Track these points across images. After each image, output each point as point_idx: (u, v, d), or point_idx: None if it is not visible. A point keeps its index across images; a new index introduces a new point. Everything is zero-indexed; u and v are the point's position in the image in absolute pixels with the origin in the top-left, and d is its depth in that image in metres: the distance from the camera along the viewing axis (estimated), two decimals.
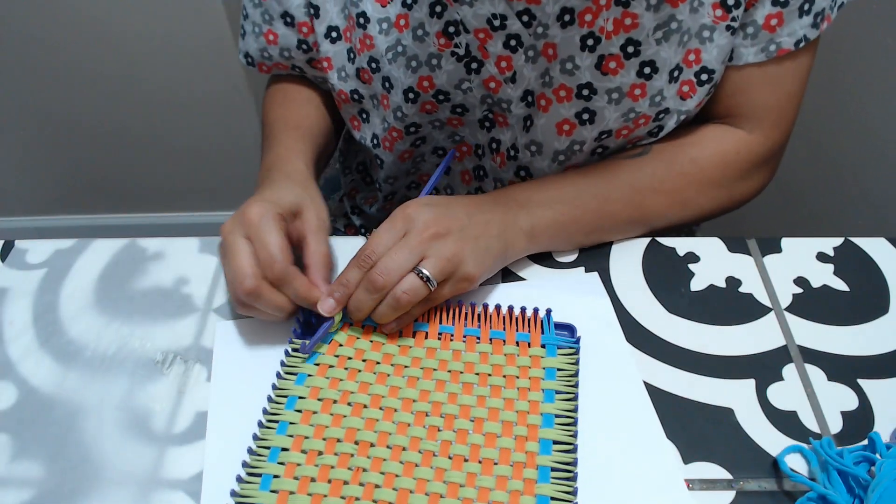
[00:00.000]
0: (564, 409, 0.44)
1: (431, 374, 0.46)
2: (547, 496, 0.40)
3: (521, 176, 0.61)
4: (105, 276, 0.55)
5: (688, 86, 0.54)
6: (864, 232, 0.59)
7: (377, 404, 0.44)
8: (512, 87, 0.55)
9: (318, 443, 0.42)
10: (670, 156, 0.56)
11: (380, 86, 0.58)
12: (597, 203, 0.54)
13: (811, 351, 0.49)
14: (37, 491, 0.42)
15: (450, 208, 0.49)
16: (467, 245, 0.48)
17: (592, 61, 0.52)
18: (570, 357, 0.47)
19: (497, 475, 0.41)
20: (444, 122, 0.60)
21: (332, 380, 0.46)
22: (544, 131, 0.56)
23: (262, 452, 0.42)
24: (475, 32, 0.52)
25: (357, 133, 0.65)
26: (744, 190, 0.59)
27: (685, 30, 0.51)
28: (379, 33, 0.55)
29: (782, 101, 0.56)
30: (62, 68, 1.25)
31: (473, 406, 0.44)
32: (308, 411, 0.44)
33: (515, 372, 0.46)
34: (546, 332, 0.49)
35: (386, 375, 0.46)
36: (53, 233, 1.57)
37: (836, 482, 0.40)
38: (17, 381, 0.48)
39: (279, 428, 0.43)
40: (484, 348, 0.48)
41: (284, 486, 0.40)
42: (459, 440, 0.42)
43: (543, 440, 0.43)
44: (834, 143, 0.93)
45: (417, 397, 0.45)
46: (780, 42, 0.52)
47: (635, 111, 0.54)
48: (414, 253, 0.46)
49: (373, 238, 0.47)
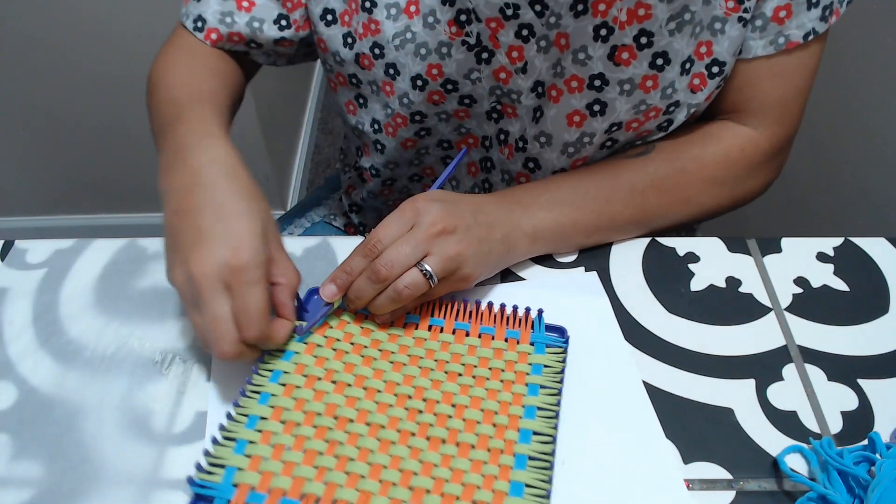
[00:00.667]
0: (548, 402, 0.44)
1: (418, 361, 0.47)
2: (522, 482, 0.40)
3: (530, 168, 0.61)
4: (105, 276, 0.55)
5: (699, 78, 0.54)
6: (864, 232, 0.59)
7: (361, 384, 0.45)
8: (523, 77, 0.55)
9: (298, 415, 0.42)
10: (673, 155, 0.56)
11: (382, 72, 0.57)
12: (598, 205, 0.54)
13: (811, 351, 0.49)
14: (36, 491, 0.42)
15: (457, 206, 0.49)
16: (471, 246, 0.48)
17: (605, 52, 0.52)
18: (557, 355, 0.48)
19: (473, 459, 0.41)
20: (451, 114, 0.60)
21: (318, 358, 0.46)
22: (554, 122, 0.56)
23: (241, 419, 0.42)
24: (487, 21, 0.52)
25: (352, 118, 0.64)
26: (748, 188, 0.59)
27: (698, 21, 0.51)
28: (387, 18, 0.55)
29: (789, 96, 0.56)
30: (62, 68, 1.25)
31: (456, 394, 0.44)
32: (291, 385, 0.44)
33: (502, 365, 0.47)
34: (536, 331, 0.49)
35: (372, 359, 0.46)
36: (53, 233, 1.57)
37: (836, 482, 0.40)
38: (16, 380, 0.48)
39: (260, 398, 0.43)
40: (472, 341, 0.48)
41: (258, 451, 0.40)
42: (439, 423, 0.43)
43: (524, 430, 0.43)
44: (834, 142, 0.93)
45: (401, 381, 0.45)
46: (789, 35, 0.52)
47: (646, 103, 0.54)
48: (419, 248, 0.46)
49: (380, 227, 0.47)
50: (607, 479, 0.42)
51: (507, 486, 0.39)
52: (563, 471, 0.42)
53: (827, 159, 0.95)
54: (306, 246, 0.57)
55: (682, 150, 0.56)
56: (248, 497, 0.38)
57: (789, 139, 0.58)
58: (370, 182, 0.71)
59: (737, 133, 0.57)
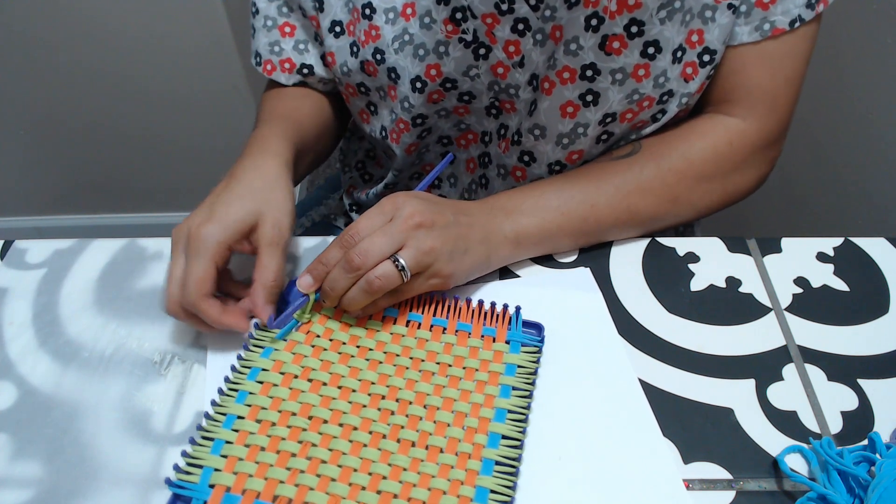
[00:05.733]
0: (518, 405, 0.45)
1: (393, 358, 0.47)
2: (487, 488, 0.40)
3: (525, 161, 0.61)
4: (104, 276, 0.55)
5: (690, 67, 0.54)
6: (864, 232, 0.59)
7: (336, 383, 0.45)
8: (520, 71, 0.55)
9: (273, 414, 0.43)
10: (659, 154, 0.55)
11: (385, 77, 0.58)
12: (583, 209, 0.53)
13: (811, 351, 0.49)
14: (35, 491, 0.42)
15: (438, 205, 0.49)
16: (447, 243, 0.48)
17: (596, 41, 0.52)
18: (532, 355, 0.48)
19: (441, 463, 0.41)
20: (451, 110, 0.60)
21: (296, 355, 0.47)
22: (548, 114, 0.56)
23: (219, 419, 0.43)
24: (483, 17, 0.52)
25: (367, 126, 0.65)
26: (739, 182, 0.57)
27: (688, 9, 0.51)
28: (385, 23, 0.55)
29: (778, 85, 0.55)
30: (62, 68, 1.25)
31: (429, 394, 0.45)
32: (269, 383, 0.45)
33: (476, 365, 0.47)
34: (513, 329, 0.49)
35: (349, 356, 0.47)
36: (53, 233, 1.57)
37: (836, 482, 0.40)
38: (16, 380, 0.48)
39: (238, 397, 0.44)
40: (449, 339, 0.48)
41: (234, 452, 0.41)
42: (410, 426, 0.43)
43: (493, 433, 0.43)
44: (834, 143, 0.93)
45: (376, 380, 0.46)
46: (775, 21, 0.52)
47: (639, 93, 0.54)
48: (395, 239, 0.46)
49: (360, 219, 0.47)
50: (602, 474, 0.42)
51: (472, 492, 0.40)
52: (557, 467, 0.42)
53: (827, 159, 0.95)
54: (306, 246, 0.57)
55: (669, 148, 0.56)
56: (224, 499, 0.39)
57: (780, 131, 0.57)
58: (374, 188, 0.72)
59: (725, 126, 0.56)
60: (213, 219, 0.47)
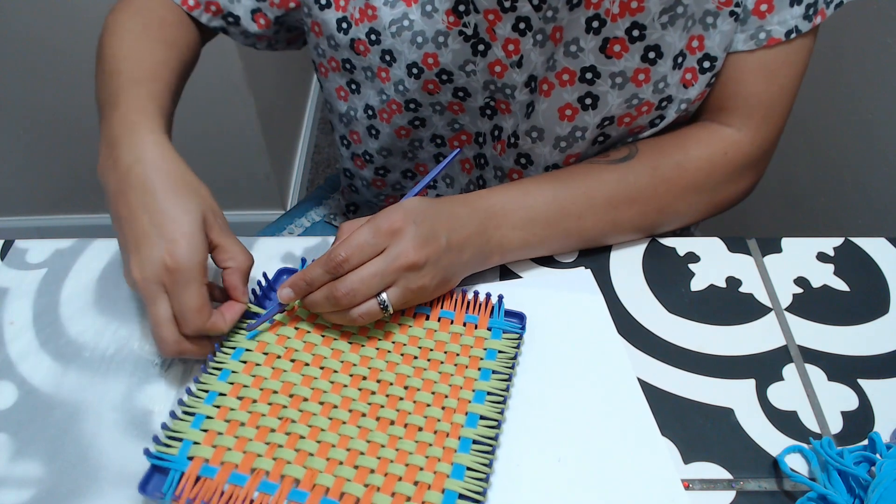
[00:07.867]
0: (497, 387, 0.45)
1: (376, 342, 0.48)
2: (463, 465, 0.41)
3: (522, 164, 0.61)
4: (105, 276, 0.55)
5: (690, 73, 0.54)
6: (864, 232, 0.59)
7: (318, 364, 0.46)
8: (518, 72, 0.55)
9: (255, 391, 0.44)
10: (655, 161, 0.54)
11: (378, 59, 0.57)
12: (570, 222, 0.53)
13: (811, 351, 0.49)
14: (36, 491, 0.42)
15: (433, 228, 0.47)
16: (436, 278, 0.47)
17: (597, 44, 0.52)
18: (512, 341, 0.48)
19: (419, 440, 0.42)
20: (445, 106, 0.60)
21: (280, 336, 0.47)
22: (546, 116, 0.56)
23: (201, 395, 0.43)
24: (485, 13, 0.52)
25: (342, 104, 0.63)
26: (729, 193, 0.57)
27: (690, 15, 0.51)
28: (384, 5, 0.55)
29: (773, 96, 0.55)
30: (62, 68, 1.25)
31: (410, 376, 0.45)
32: (251, 363, 0.45)
33: (457, 349, 0.47)
34: (495, 317, 0.49)
35: (332, 339, 0.48)
36: (53, 233, 1.57)
37: (836, 482, 0.40)
38: (16, 380, 0.48)
39: (221, 374, 0.45)
40: (431, 325, 0.49)
41: (214, 426, 0.42)
42: (390, 405, 0.44)
43: (471, 414, 0.44)
44: (834, 143, 0.93)
45: (358, 362, 0.46)
46: (771, 31, 0.52)
47: (639, 97, 0.54)
48: (385, 281, 0.45)
49: (350, 239, 0.45)
50: (601, 475, 0.42)
51: (448, 469, 0.40)
52: (558, 467, 0.42)
53: (827, 159, 0.95)
54: (306, 246, 0.57)
55: (664, 156, 0.55)
56: (201, 470, 0.40)
57: (772, 143, 0.57)
58: (364, 169, 0.70)
59: (721, 136, 0.55)
60: (174, 241, 0.43)
